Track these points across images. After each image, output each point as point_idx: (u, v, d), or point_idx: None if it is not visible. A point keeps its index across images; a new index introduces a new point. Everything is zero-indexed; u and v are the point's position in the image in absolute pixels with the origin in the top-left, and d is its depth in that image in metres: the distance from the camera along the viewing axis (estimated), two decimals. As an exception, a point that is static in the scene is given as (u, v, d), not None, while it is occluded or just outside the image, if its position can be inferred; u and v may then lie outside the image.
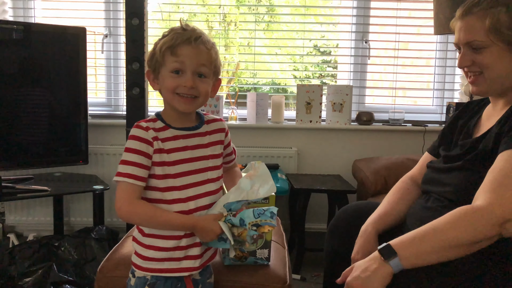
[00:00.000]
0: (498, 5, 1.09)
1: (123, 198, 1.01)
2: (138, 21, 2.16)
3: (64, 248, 1.96)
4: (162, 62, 1.03)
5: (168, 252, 1.06)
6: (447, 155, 1.24)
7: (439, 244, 0.99)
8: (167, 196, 1.04)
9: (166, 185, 1.04)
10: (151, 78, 1.08)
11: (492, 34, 1.09)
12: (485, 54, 1.12)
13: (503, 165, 1.03)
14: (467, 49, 1.15)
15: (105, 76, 2.70)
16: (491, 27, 1.09)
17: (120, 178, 1.01)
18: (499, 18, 1.08)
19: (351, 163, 2.49)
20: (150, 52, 1.07)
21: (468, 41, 1.13)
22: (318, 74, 2.87)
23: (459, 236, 0.98)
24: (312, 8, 2.73)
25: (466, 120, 1.29)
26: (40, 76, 2.12)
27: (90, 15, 2.63)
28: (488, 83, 1.14)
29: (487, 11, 1.10)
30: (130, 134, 1.03)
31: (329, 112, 2.58)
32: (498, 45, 1.10)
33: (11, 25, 2.06)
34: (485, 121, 1.22)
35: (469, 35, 1.13)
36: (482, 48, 1.12)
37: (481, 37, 1.11)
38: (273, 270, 1.25)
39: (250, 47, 2.70)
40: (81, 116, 2.23)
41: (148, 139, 1.02)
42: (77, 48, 2.18)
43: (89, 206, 2.43)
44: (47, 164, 2.22)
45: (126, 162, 1.01)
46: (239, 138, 2.57)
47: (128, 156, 1.01)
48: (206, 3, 2.74)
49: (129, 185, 1.01)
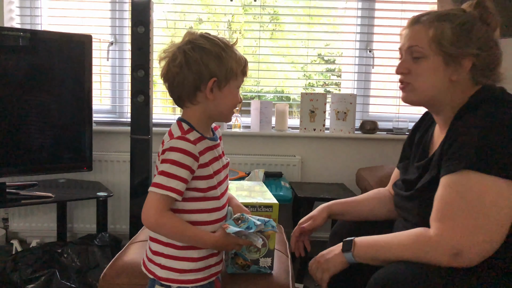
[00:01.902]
0: (445, 20, 1.11)
1: (156, 208, 1.00)
2: (144, 29, 2.17)
3: (67, 255, 1.96)
4: (235, 77, 1.06)
5: (205, 261, 1.08)
6: (405, 180, 1.25)
7: (393, 259, 1.05)
8: (209, 205, 1.07)
9: (207, 196, 1.07)
10: (213, 87, 1.04)
11: (434, 45, 1.11)
12: (422, 65, 1.13)
13: (443, 193, 1.03)
14: (407, 56, 1.17)
15: (110, 83, 2.71)
16: (434, 38, 1.11)
17: (161, 190, 0.99)
18: (443, 31, 1.10)
19: (355, 171, 2.49)
20: (216, 61, 1.04)
21: (410, 45, 1.15)
22: (322, 83, 2.87)
23: (413, 258, 1.02)
24: (317, 17, 2.74)
25: (422, 134, 1.30)
26: (45, 83, 2.14)
27: (96, 22, 2.65)
28: (416, 93, 1.16)
29: (434, 22, 1.12)
30: (177, 146, 1.00)
31: (333, 121, 2.59)
32: (436, 57, 1.11)
33: (18, 32, 2.08)
34: (437, 136, 1.22)
35: (412, 41, 1.15)
36: (421, 58, 1.13)
37: (423, 44, 1.13)
38: (276, 279, 1.25)
39: (255, 55, 2.71)
40: (86, 123, 2.24)
41: (195, 154, 1.01)
42: (83, 55, 2.20)
43: (92, 213, 2.43)
44: (51, 170, 2.23)
45: (171, 176, 0.99)
46: (243, 146, 2.58)
47: (174, 169, 0.99)
48: (212, 12, 2.76)
49: (167, 198, 1.00)
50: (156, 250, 1.07)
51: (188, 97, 1.05)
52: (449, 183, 1.03)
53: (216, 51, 1.03)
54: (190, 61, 1.02)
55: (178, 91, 1.06)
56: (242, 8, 2.67)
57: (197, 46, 1.04)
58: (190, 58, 1.02)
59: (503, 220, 0.98)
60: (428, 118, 1.33)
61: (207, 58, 1.03)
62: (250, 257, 1.21)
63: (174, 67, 1.03)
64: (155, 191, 0.99)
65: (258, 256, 1.22)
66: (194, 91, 1.04)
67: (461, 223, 0.98)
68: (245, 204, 1.17)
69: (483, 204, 0.97)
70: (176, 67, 1.03)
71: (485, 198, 0.97)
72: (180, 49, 1.04)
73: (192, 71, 1.02)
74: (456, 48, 1.10)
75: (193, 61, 1.02)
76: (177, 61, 1.03)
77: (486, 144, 0.99)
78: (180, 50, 1.04)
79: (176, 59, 1.03)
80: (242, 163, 2.51)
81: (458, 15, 1.12)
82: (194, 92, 1.04)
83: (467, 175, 1.00)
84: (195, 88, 1.04)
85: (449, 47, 1.10)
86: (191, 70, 1.02)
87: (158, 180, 1.00)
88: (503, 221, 0.98)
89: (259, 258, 1.22)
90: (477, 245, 0.97)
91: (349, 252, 1.12)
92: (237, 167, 2.49)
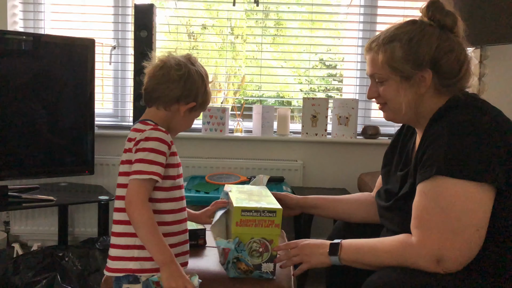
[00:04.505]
0: (393, 40, 1.12)
1: (141, 194, 1.06)
2: (147, 34, 2.18)
3: (68, 259, 1.96)
4: (202, 109, 1.23)
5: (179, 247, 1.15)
6: (387, 190, 1.26)
7: (378, 264, 1.09)
8: (176, 194, 1.16)
9: (175, 185, 1.16)
10: (187, 106, 1.18)
11: (388, 68, 1.13)
12: (386, 87, 1.16)
13: (419, 200, 1.05)
14: (373, 80, 1.20)
15: (113, 87, 2.72)
16: (385, 62, 1.12)
17: (144, 176, 1.06)
18: (393, 53, 1.11)
19: (357, 176, 2.48)
20: (203, 91, 1.20)
21: (371, 73, 1.19)
22: (323, 88, 2.88)
23: (396, 264, 1.04)
24: (318, 22, 2.75)
25: (406, 141, 1.31)
26: (48, 86, 2.14)
27: (99, 27, 2.66)
28: (393, 112, 1.18)
29: (382, 47, 1.13)
30: (152, 136, 1.10)
31: (335, 126, 2.59)
32: (396, 78, 1.13)
33: (21, 36, 2.09)
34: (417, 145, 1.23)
35: (371, 68, 1.18)
36: (384, 81, 1.16)
37: (379, 70, 1.15)
38: (278, 284, 1.24)
39: (257, 60, 2.72)
40: (88, 127, 2.25)
41: (168, 142, 1.11)
42: (85, 59, 2.20)
43: (94, 216, 2.43)
44: (53, 174, 2.23)
45: (151, 162, 1.07)
46: (244, 151, 2.58)
47: (153, 156, 1.08)
48: (214, 17, 2.77)
49: (149, 183, 1.07)
50: (128, 243, 1.11)
51: (165, 102, 1.17)
52: (423, 190, 1.04)
53: (206, 83, 1.21)
54: (190, 79, 1.16)
55: (161, 92, 1.16)
56: (244, 13, 2.68)
57: (199, 71, 1.19)
58: (191, 77, 1.16)
59: (478, 224, 0.98)
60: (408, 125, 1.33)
61: (201, 85, 1.19)
62: (252, 262, 1.21)
63: (175, 74, 1.15)
64: (137, 178, 1.06)
65: (260, 261, 1.21)
66: (174, 101, 1.17)
67: (437, 229, 1.00)
68: (248, 209, 1.18)
69: (456, 209, 0.99)
70: (177, 76, 1.15)
71: (457, 203, 0.99)
72: (187, 65, 1.17)
73: (186, 87, 1.16)
74: (410, 65, 1.10)
75: (192, 81, 1.17)
76: (180, 72, 1.15)
77: (454, 149, 1.00)
78: (187, 65, 1.17)
79: (180, 70, 1.15)
80: (244, 167, 2.51)
81: (406, 30, 1.12)
82: (173, 102, 1.17)
83: (438, 181, 1.01)
84: (177, 99, 1.16)
85: (403, 66, 1.11)
86: (186, 86, 1.16)
87: (139, 167, 1.07)
88: (478, 225, 0.98)
89: (261, 263, 1.22)
90: (456, 250, 0.98)
91: (335, 256, 1.14)
92: (239, 171, 2.49)
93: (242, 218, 1.18)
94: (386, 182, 1.32)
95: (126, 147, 1.15)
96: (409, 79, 1.12)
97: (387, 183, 1.31)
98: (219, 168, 2.50)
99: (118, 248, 1.11)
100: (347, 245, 1.15)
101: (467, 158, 0.99)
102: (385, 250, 1.08)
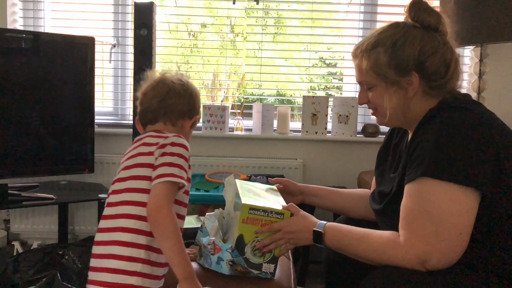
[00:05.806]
0: (377, 46, 1.12)
1: (170, 198, 1.03)
2: (147, 32, 2.18)
3: (68, 257, 1.96)
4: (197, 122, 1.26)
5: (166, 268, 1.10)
6: (380, 192, 1.25)
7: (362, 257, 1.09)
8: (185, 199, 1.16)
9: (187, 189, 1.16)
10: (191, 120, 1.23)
11: (373, 74, 1.13)
12: (374, 93, 1.16)
13: (406, 201, 1.04)
14: (362, 87, 1.20)
15: (113, 86, 2.71)
16: (370, 69, 1.12)
17: (177, 179, 1.03)
18: (377, 59, 1.11)
19: (357, 175, 2.49)
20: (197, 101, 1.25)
21: (359, 80, 1.19)
22: (323, 86, 2.87)
23: (382, 262, 1.05)
24: (318, 20, 2.75)
25: (398, 141, 1.30)
26: (48, 85, 2.14)
27: (99, 25, 2.66)
28: (383, 117, 1.18)
29: (366, 53, 1.13)
30: (179, 141, 1.11)
31: (335, 124, 2.58)
32: (382, 83, 1.13)
33: (21, 34, 2.09)
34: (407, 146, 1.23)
35: (358, 75, 1.18)
36: (372, 87, 1.15)
37: (365, 77, 1.15)
38: (278, 282, 1.24)
39: (257, 58, 2.72)
40: (88, 125, 2.24)
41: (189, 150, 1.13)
42: (85, 58, 2.20)
43: (94, 214, 2.43)
44: (53, 172, 2.22)
45: (181, 167, 1.07)
46: (244, 149, 2.58)
47: (182, 162, 1.08)
48: (214, 15, 2.76)
49: (175, 188, 1.05)
50: (133, 255, 1.01)
51: (173, 117, 1.19)
52: (410, 191, 1.04)
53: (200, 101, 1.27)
54: (193, 94, 1.22)
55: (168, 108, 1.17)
56: (244, 11, 2.67)
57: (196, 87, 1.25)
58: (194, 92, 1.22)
59: (462, 227, 0.98)
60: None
61: (199, 100, 1.26)
62: (254, 260, 1.20)
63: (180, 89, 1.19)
64: (169, 180, 1.02)
65: (262, 261, 1.21)
66: (180, 116, 1.19)
67: (422, 231, 0.99)
68: (256, 207, 1.17)
69: (440, 211, 0.98)
70: (182, 90, 1.19)
71: (441, 205, 0.98)
72: (188, 80, 1.23)
73: (190, 102, 1.21)
74: (395, 70, 1.10)
75: (195, 95, 1.23)
76: (184, 86, 1.20)
77: (440, 150, 1.00)
78: (187, 80, 1.23)
79: (184, 84, 1.20)
80: (244, 166, 2.51)
81: (388, 35, 1.12)
82: (179, 117, 1.19)
83: (424, 182, 1.01)
84: (183, 114, 1.19)
85: (388, 71, 1.11)
86: (190, 101, 1.21)
87: (169, 170, 1.04)
88: (462, 228, 0.98)
89: (262, 263, 1.21)
90: (439, 253, 0.98)
91: (320, 245, 1.16)
92: (239, 170, 2.49)
93: (249, 216, 1.16)
94: (380, 183, 1.31)
95: (143, 150, 1.10)
96: (396, 84, 1.11)
97: (380, 184, 1.30)
98: (219, 167, 2.50)
99: (121, 259, 1.00)
100: (331, 233, 1.15)
101: (454, 161, 0.98)
102: (370, 247, 1.07)
